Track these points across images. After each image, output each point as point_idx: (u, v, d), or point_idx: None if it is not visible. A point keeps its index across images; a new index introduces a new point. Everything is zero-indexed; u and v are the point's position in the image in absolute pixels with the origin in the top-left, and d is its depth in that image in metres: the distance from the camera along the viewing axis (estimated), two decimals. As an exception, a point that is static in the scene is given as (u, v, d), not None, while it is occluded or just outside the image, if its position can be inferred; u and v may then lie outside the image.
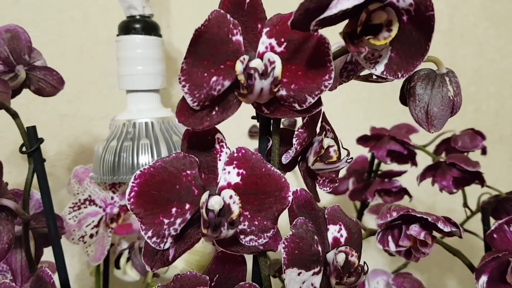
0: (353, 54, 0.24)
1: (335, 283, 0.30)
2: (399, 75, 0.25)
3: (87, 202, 0.51)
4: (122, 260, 0.54)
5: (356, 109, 0.79)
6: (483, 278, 0.42)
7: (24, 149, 0.39)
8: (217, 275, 0.30)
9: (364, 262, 0.30)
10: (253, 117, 0.32)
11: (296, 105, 0.27)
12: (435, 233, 0.40)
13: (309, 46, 0.25)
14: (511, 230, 0.41)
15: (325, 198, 0.75)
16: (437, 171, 0.52)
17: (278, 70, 0.25)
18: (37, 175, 0.39)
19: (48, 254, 0.43)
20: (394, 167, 0.60)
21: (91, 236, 0.51)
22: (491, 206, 0.53)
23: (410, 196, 0.58)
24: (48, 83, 0.44)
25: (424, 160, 0.59)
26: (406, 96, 0.29)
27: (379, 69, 0.25)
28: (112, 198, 0.53)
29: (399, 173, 0.58)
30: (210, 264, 0.31)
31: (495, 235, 0.42)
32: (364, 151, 0.66)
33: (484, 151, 0.56)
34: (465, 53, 0.85)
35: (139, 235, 0.54)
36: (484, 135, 0.56)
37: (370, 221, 0.67)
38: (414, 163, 0.57)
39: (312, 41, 0.25)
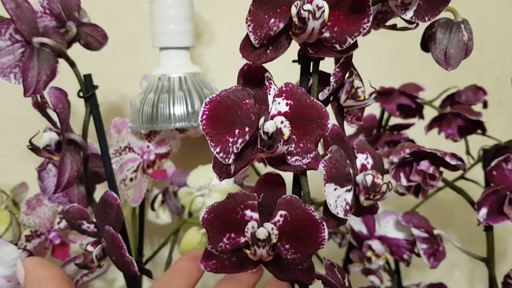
0: (389, 1, 0.29)
1: (364, 199, 0.36)
2: (426, 19, 0.30)
3: (127, 149, 0.57)
4: (157, 203, 0.60)
5: (364, 73, 0.84)
6: (483, 210, 0.49)
7: (81, 94, 0.44)
8: (262, 194, 0.36)
9: (389, 182, 0.36)
10: (293, 61, 0.37)
11: (337, 46, 0.32)
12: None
13: (351, -7, 0.30)
14: (508, 167, 0.47)
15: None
16: (443, 121, 0.58)
17: (326, 14, 0.30)
18: (93, 117, 0.44)
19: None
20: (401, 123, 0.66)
21: (131, 179, 0.56)
22: (492, 153, 0.59)
23: (417, 147, 0.63)
24: (94, 38, 0.49)
25: (429, 115, 0.65)
26: (427, 41, 0.34)
27: (409, 14, 0.31)
28: (148, 146, 0.58)
29: (407, 126, 0.64)
30: (255, 186, 0.37)
31: (494, 172, 0.48)
32: (372, 110, 0.72)
33: (485, 105, 0.62)
34: (468, 20, 0.90)
35: (171, 181, 0.60)
36: (486, 91, 0.61)
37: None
38: (421, 116, 0.63)
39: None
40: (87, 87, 0.44)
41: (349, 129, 0.74)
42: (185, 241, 0.49)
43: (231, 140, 0.32)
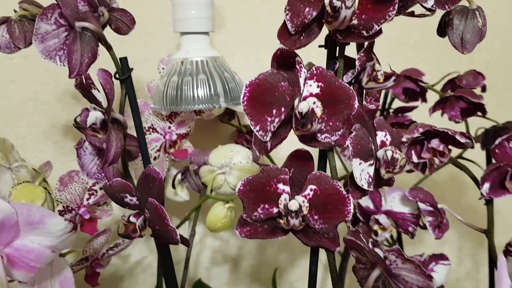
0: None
1: (385, 173, 0.39)
2: (446, 7, 0.34)
3: (151, 130, 0.60)
4: (177, 181, 0.63)
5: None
6: (486, 185, 0.53)
7: (117, 76, 0.47)
8: (292, 168, 0.40)
9: (406, 156, 0.40)
10: (320, 46, 0.40)
11: (364, 32, 0.35)
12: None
13: (379, -16, 0.34)
14: (510, 146, 0.51)
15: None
16: (446, 104, 0.62)
17: (356, 3, 0.33)
18: (129, 98, 0.47)
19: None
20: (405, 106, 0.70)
21: (155, 158, 0.60)
22: (491, 133, 0.63)
23: (420, 128, 0.67)
24: (124, 23, 0.52)
25: (430, 98, 0.69)
26: (444, 27, 0.37)
27: (430, 3, 0.34)
28: (169, 127, 0.61)
29: (411, 108, 0.67)
30: (286, 161, 0.40)
31: (497, 150, 0.52)
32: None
33: (484, 89, 0.66)
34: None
35: (191, 160, 0.63)
36: (484, 75, 0.65)
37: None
38: (425, 100, 0.67)
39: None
40: (123, 69, 0.47)
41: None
42: (212, 215, 0.53)
43: (269, 119, 0.35)
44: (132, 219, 0.43)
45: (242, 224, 0.39)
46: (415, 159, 0.51)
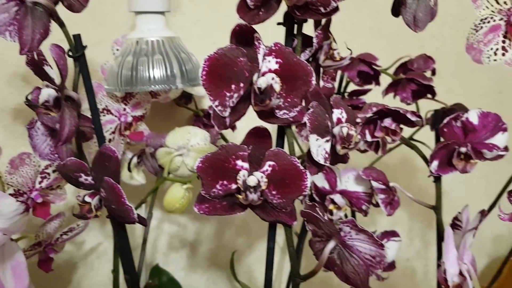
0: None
1: (340, 148, 0.40)
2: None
3: (105, 112, 0.58)
4: (132, 165, 0.62)
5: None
6: (435, 162, 0.55)
7: (70, 54, 0.46)
8: (251, 146, 0.40)
9: (360, 133, 0.41)
10: (279, 23, 0.41)
11: (322, 9, 0.36)
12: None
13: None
14: (457, 125, 0.54)
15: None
16: (398, 86, 0.64)
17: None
18: (82, 76, 0.46)
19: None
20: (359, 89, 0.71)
21: (109, 140, 0.58)
22: (440, 114, 0.66)
23: (373, 111, 0.69)
24: (77, 0, 0.50)
25: (383, 82, 0.71)
26: (398, 6, 0.39)
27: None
28: (124, 109, 0.60)
29: (365, 91, 0.69)
30: (245, 138, 0.41)
31: (445, 129, 0.54)
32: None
33: (433, 72, 0.68)
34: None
35: (147, 143, 0.62)
36: (434, 59, 0.68)
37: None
38: (378, 83, 0.69)
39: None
40: (77, 46, 0.46)
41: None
42: (169, 195, 0.52)
43: (228, 94, 0.35)
44: (87, 198, 0.42)
45: (201, 200, 0.40)
46: (369, 138, 0.53)
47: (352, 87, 0.72)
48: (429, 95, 0.64)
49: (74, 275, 0.81)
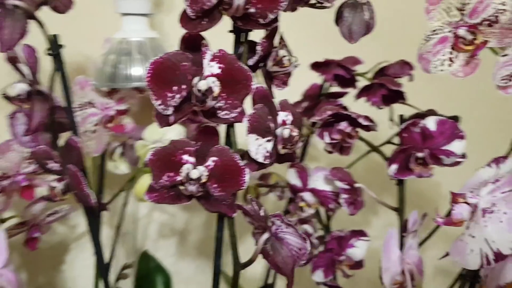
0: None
1: (281, 148, 0.44)
2: (329, 1, 0.38)
3: (89, 105, 0.63)
4: (115, 155, 0.67)
5: (315, 44, 0.91)
6: (394, 166, 0.58)
7: (49, 52, 0.50)
8: (200, 142, 0.44)
9: (300, 134, 0.44)
10: (230, 31, 0.44)
11: (261, 20, 0.39)
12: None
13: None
14: (415, 130, 0.56)
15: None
16: (370, 91, 0.66)
17: (249, -6, 0.37)
18: (60, 73, 0.51)
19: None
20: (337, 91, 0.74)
21: (93, 131, 0.63)
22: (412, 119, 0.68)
23: (350, 113, 0.72)
24: (61, 3, 0.55)
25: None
26: (336, 19, 0.41)
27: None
28: (108, 103, 0.65)
29: (342, 94, 0.72)
30: (194, 135, 0.44)
31: (404, 134, 0.57)
32: (318, 80, 0.80)
33: (411, 78, 0.70)
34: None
35: (130, 135, 0.67)
36: (412, 65, 0.70)
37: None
38: (354, 86, 0.71)
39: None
40: (54, 46, 0.50)
41: (296, 97, 0.82)
42: (138, 185, 0.57)
43: (169, 95, 0.39)
44: (54, 183, 0.46)
45: (151, 190, 0.43)
46: (327, 139, 0.56)
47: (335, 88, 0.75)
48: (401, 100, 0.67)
49: (67, 255, 0.86)
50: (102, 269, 0.57)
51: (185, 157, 0.42)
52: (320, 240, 0.73)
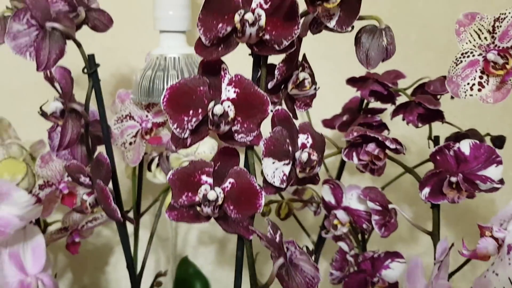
0: (310, 12, 0.36)
1: (299, 172, 0.44)
2: (344, 28, 0.37)
3: (128, 118, 0.66)
4: (153, 165, 0.69)
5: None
6: (426, 189, 0.56)
7: (85, 70, 0.53)
8: (219, 162, 0.44)
9: (320, 158, 0.44)
10: (249, 54, 0.44)
11: (276, 46, 0.39)
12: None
13: (285, 5, 0.37)
14: (450, 153, 0.54)
15: (324, 131, 0.88)
16: (407, 109, 0.64)
17: (262, 22, 0.37)
18: (95, 90, 0.53)
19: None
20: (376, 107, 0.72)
21: (130, 143, 0.66)
22: (452, 139, 0.65)
23: (388, 130, 0.70)
24: (101, 22, 0.58)
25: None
26: (355, 45, 0.41)
27: (332, 23, 0.38)
28: (146, 116, 0.67)
29: (380, 110, 0.70)
30: (215, 155, 0.45)
31: (437, 156, 0.55)
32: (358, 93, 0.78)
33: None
34: (466, 8, 0.94)
35: (166, 146, 0.69)
36: (454, 82, 0.67)
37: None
38: (394, 103, 0.69)
39: (287, 2, 0.37)
40: (90, 65, 0.53)
41: (337, 110, 0.81)
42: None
43: (186, 119, 0.40)
44: (84, 197, 0.49)
45: (171, 208, 0.45)
46: (355, 160, 0.55)
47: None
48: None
49: (111, 257, 0.90)
50: (133, 280, 0.59)
51: (204, 177, 0.43)
52: (355, 258, 0.72)
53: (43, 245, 0.57)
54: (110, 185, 0.51)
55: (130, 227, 0.89)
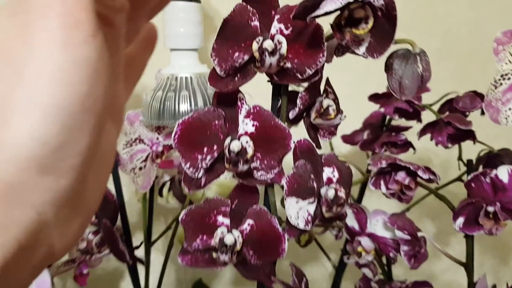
0: (338, 40, 0.32)
1: (325, 211, 0.39)
2: (375, 56, 0.33)
3: (137, 141, 0.62)
4: (165, 190, 0.66)
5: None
6: (460, 219, 0.51)
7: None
8: (236, 200, 0.40)
9: (348, 194, 0.40)
10: (268, 81, 0.40)
11: (298, 75, 0.35)
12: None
13: (308, 31, 0.33)
14: (486, 181, 0.49)
15: (344, 147, 0.83)
16: (435, 128, 0.60)
17: (283, 50, 0.33)
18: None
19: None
20: (403, 122, 0.68)
21: (140, 168, 0.62)
22: (483, 160, 0.60)
23: (414, 149, 0.66)
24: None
25: (431, 118, 0.66)
26: (386, 70, 0.36)
27: (361, 50, 0.33)
28: (157, 138, 0.63)
29: (405, 128, 0.66)
30: (232, 192, 0.41)
31: (472, 184, 0.50)
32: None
33: (483, 111, 0.62)
34: (490, 13, 0.90)
35: (179, 169, 0.65)
36: (484, 96, 0.62)
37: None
38: (419, 120, 0.65)
39: (311, 27, 0.33)
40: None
41: (356, 123, 0.77)
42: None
43: (200, 157, 0.36)
44: (90, 236, 0.45)
45: (184, 252, 0.41)
46: (383, 189, 0.50)
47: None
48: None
49: (122, 282, 0.87)
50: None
51: (220, 218, 0.39)
52: (380, 285, 0.67)
53: (48, 282, 0.53)
54: (119, 220, 0.47)
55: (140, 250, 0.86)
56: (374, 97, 0.66)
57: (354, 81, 0.81)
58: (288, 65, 0.35)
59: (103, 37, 0.20)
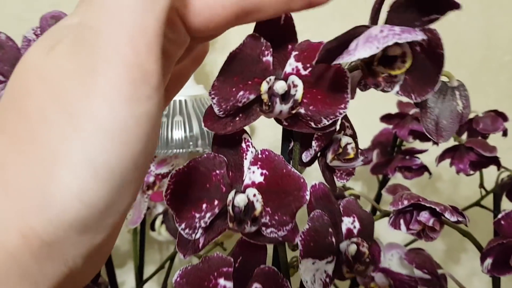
0: (369, 84, 0.26)
1: (345, 271, 0.34)
2: (413, 97, 0.27)
3: (126, 172, 0.56)
4: (157, 222, 0.59)
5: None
6: (488, 261, 0.46)
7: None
8: (241, 257, 0.34)
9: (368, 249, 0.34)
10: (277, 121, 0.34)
11: (312, 124, 0.29)
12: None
13: (330, 75, 0.27)
14: (519, 218, 0.43)
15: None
16: (456, 154, 0.54)
17: (299, 95, 0.27)
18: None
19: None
20: (417, 144, 0.62)
21: (130, 202, 0.56)
22: (507, 187, 0.55)
23: (430, 173, 0.60)
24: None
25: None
26: (418, 107, 0.31)
27: (395, 89, 0.28)
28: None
29: (420, 152, 0.60)
30: (235, 248, 0.35)
31: (502, 222, 0.45)
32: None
33: (505, 133, 0.57)
34: (502, 22, 0.84)
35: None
36: (507, 117, 0.57)
37: (389, 197, 0.69)
38: (436, 142, 0.59)
39: (333, 71, 0.27)
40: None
41: (365, 142, 0.71)
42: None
43: (197, 215, 0.30)
44: None
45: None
46: (403, 229, 0.44)
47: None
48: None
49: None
50: None
51: (221, 281, 0.33)
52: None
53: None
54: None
55: (131, 282, 0.80)
56: (386, 118, 0.61)
57: (361, 94, 0.76)
58: (302, 110, 0.29)
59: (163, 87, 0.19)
